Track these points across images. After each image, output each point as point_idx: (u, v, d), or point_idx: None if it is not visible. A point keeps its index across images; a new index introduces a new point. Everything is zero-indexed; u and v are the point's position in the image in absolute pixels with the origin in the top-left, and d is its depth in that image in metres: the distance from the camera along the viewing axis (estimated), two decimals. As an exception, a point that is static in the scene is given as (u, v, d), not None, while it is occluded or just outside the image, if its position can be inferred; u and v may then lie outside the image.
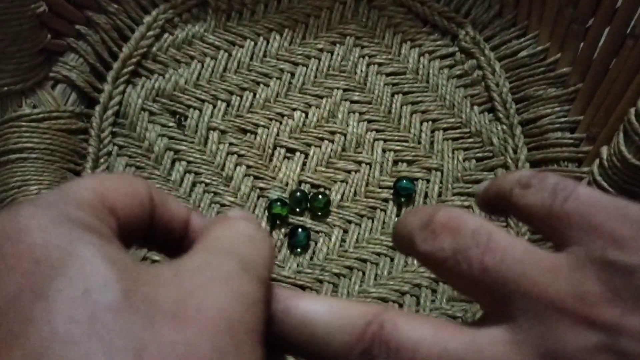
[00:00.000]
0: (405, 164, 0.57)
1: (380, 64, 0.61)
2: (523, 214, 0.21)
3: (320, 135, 0.57)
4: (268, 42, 0.60)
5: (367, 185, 0.56)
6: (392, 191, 0.55)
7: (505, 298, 0.19)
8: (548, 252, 0.19)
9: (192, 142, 0.57)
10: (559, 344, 0.17)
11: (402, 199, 0.55)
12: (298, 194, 0.54)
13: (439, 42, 0.61)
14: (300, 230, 0.53)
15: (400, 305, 0.50)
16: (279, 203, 0.53)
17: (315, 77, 0.60)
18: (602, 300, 0.17)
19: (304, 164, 0.56)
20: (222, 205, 0.54)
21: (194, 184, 0.55)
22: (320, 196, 0.54)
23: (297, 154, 0.57)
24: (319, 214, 0.54)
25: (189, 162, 0.56)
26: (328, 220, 0.54)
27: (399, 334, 0.19)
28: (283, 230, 0.53)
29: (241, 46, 0.60)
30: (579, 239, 0.19)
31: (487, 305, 0.20)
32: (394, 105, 0.59)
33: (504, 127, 0.57)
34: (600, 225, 0.19)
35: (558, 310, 0.18)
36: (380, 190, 0.56)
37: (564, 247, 0.20)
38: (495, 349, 0.18)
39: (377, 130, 0.58)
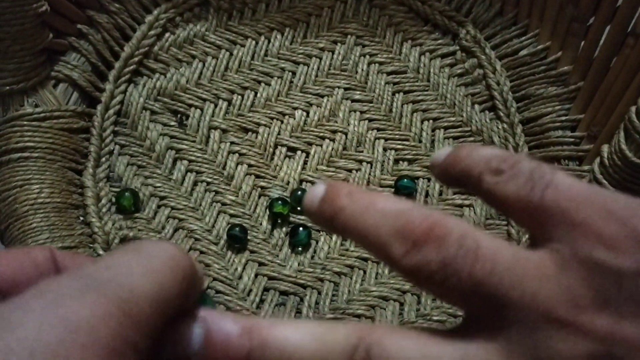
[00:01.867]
0: (406, 163, 0.57)
1: (381, 63, 0.61)
2: (497, 203, 0.20)
3: (322, 134, 0.57)
4: (269, 41, 0.61)
5: (368, 184, 0.56)
6: (393, 190, 0.55)
7: (497, 309, 0.18)
8: (532, 252, 0.19)
9: (194, 141, 0.57)
10: (552, 353, 0.17)
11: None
12: (299, 192, 0.54)
13: (439, 41, 0.61)
14: (301, 229, 0.53)
15: (402, 304, 0.50)
16: (280, 202, 0.53)
17: (317, 76, 0.60)
18: (594, 307, 0.17)
19: (305, 162, 0.57)
20: (224, 204, 0.54)
21: (195, 183, 0.55)
22: (321, 195, 0.54)
23: (299, 152, 0.57)
24: (320, 212, 0.54)
25: (190, 161, 0.56)
26: (329, 218, 0.54)
27: (388, 356, 0.18)
28: (284, 229, 0.54)
29: (242, 45, 0.60)
30: (562, 235, 0.18)
31: (477, 315, 0.19)
32: (394, 104, 0.59)
33: (505, 125, 0.58)
34: (585, 222, 0.18)
35: (550, 319, 0.17)
36: (381, 189, 0.56)
37: (546, 243, 0.19)
38: (485, 359, 0.18)
39: (378, 129, 0.58)
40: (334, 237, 0.54)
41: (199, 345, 0.18)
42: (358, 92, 0.59)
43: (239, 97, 0.58)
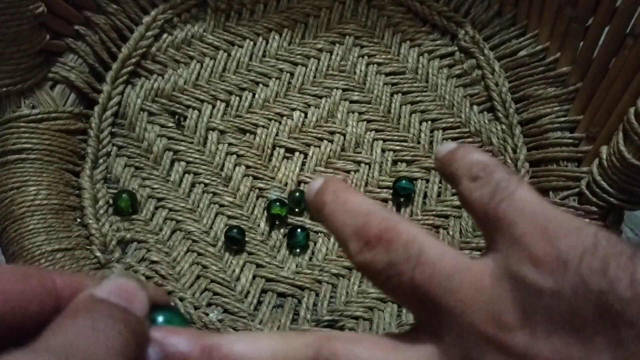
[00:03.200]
0: (404, 164, 0.57)
1: (379, 64, 0.60)
2: (465, 206, 0.21)
3: (320, 135, 0.57)
4: (267, 42, 0.60)
5: (366, 185, 0.56)
6: (391, 191, 0.55)
7: (434, 314, 0.19)
8: (476, 261, 0.20)
9: (191, 142, 0.57)
10: None
11: (402, 199, 0.55)
12: (297, 194, 0.54)
13: (438, 42, 0.61)
14: (299, 230, 0.53)
15: (400, 306, 0.50)
16: (278, 203, 0.53)
17: (315, 77, 0.60)
18: (516, 324, 0.17)
19: (303, 164, 0.56)
20: (222, 205, 0.54)
21: (193, 184, 0.55)
22: (319, 196, 0.54)
23: (297, 154, 0.57)
24: (318, 214, 0.54)
25: (188, 162, 0.56)
26: (327, 220, 0.54)
27: None
28: (282, 230, 0.53)
29: (240, 46, 0.60)
30: (503, 248, 0.19)
31: (419, 317, 0.20)
32: (393, 105, 0.59)
33: (504, 126, 0.57)
34: (521, 238, 0.18)
35: (477, 332, 0.18)
36: (379, 190, 0.55)
37: (491, 252, 0.20)
38: None
39: (377, 130, 0.58)
40: (332, 238, 0.54)
41: None
42: (356, 93, 0.59)
43: (237, 98, 0.58)
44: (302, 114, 0.58)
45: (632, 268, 0.17)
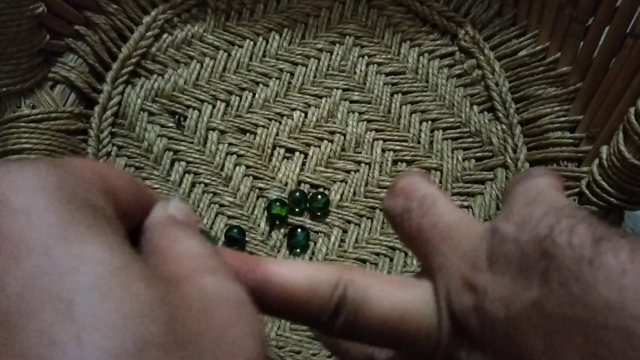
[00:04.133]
0: (404, 164, 0.57)
1: (379, 64, 0.60)
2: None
3: (320, 135, 0.57)
4: (267, 42, 0.60)
5: (366, 185, 0.56)
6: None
7: (431, 256, 0.23)
8: (478, 222, 0.24)
9: (192, 142, 0.57)
10: (453, 301, 0.21)
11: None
12: (297, 194, 0.54)
13: (438, 42, 0.61)
14: (299, 230, 0.53)
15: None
16: (278, 203, 0.53)
17: (315, 77, 0.60)
18: (484, 266, 0.21)
19: (304, 164, 0.56)
20: (222, 205, 0.54)
21: (193, 184, 0.55)
22: (319, 196, 0.54)
23: (297, 154, 0.57)
24: (318, 214, 0.54)
25: (188, 162, 0.56)
26: (327, 220, 0.54)
27: (358, 294, 0.22)
28: (282, 230, 0.53)
29: (240, 46, 0.60)
30: (497, 218, 0.22)
31: (421, 259, 0.24)
32: (393, 105, 0.59)
33: (504, 126, 0.57)
34: (509, 206, 0.22)
35: (457, 272, 0.21)
36: (379, 190, 0.55)
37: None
38: (424, 299, 0.22)
39: (377, 130, 0.58)
40: (332, 238, 0.54)
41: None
42: (356, 93, 0.59)
43: (237, 98, 0.58)
44: (302, 114, 0.58)
45: (574, 222, 0.19)
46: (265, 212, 0.54)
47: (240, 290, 0.17)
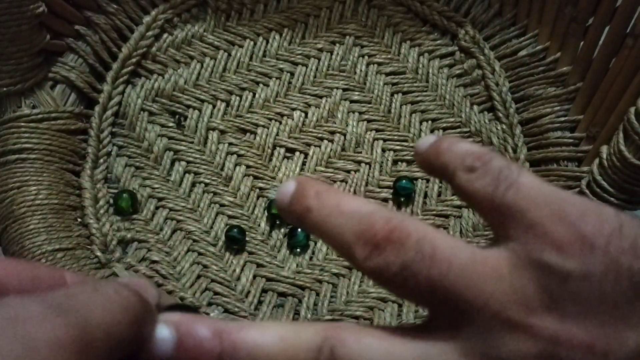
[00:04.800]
0: (404, 164, 0.57)
1: (379, 64, 0.60)
2: (467, 199, 0.21)
3: (320, 135, 0.57)
4: (267, 41, 0.60)
5: (366, 185, 0.56)
6: (391, 191, 0.55)
7: (454, 309, 0.19)
8: (490, 251, 0.19)
9: (192, 142, 0.57)
10: (505, 353, 0.18)
11: (402, 199, 0.55)
12: (297, 193, 0.54)
13: (438, 42, 0.61)
14: (299, 230, 0.53)
15: (400, 306, 0.50)
16: (278, 203, 0.53)
17: (315, 76, 0.60)
18: (542, 308, 0.18)
19: (304, 163, 0.56)
20: (222, 205, 0.54)
21: (193, 184, 0.55)
22: (319, 196, 0.54)
23: (297, 153, 0.57)
24: (319, 213, 0.54)
25: (188, 162, 0.56)
26: (327, 220, 0.54)
27: (351, 356, 0.18)
28: (282, 230, 0.53)
29: (241, 46, 0.60)
30: (518, 235, 0.19)
31: (436, 314, 0.20)
32: (393, 105, 0.59)
33: (504, 126, 0.57)
34: (538, 224, 0.18)
35: (502, 320, 0.18)
36: (379, 190, 0.55)
37: (504, 241, 0.19)
38: (440, 356, 0.19)
39: (377, 130, 0.58)
40: (333, 238, 0.54)
41: (171, 348, 0.19)
42: (357, 93, 0.59)
43: (237, 98, 0.58)
44: (303, 114, 0.58)
45: None
46: (266, 212, 0.54)
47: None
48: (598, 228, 0.18)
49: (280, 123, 0.58)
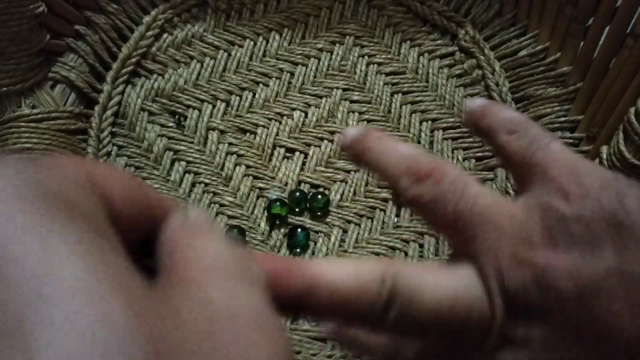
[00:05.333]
0: (404, 164, 0.57)
1: (379, 64, 0.60)
2: (503, 156, 0.25)
3: (320, 135, 0.57)
4: (267, 41, 0.60)
5: (366, 185, 0.56)
6: (391, 191, 0.55)
7: (472, 240, 0.22)
8: (511, 201, 0.23)
9: (192, 142, 0.57)
10: (507, 280, 0.21)
11: (402, 199, 0.55)
12: (297, 193, 0.54)
13: (438, 42, 0.61)
14: (299, 230, 0.53)
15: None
16: (278, 203, 0.53)
17: (315, 76, 0.60)
18: (542, 243, 0.21)
19: (304, 163, 0.56)
20: (222, 205, 0.54)
21: (193, 184, 0.55)
22: (319, 196, 0.54)
23: (297, 153, 0.57)
24: (319, 213, 0.54)
25: (188, 162, 0.56)
26: (327, 220, 0.54)
27: (408, 286, 0.21)
28: (282, 230, 0.53)
29: (240, 46, 0.60)
30: (537, 187, 0.23)
31: (456, 244, 0.24)
32: (393, 105, 0.59)
33: (504, 126, 0.57)
34: (555, 178, 0.22)
35: (510, 253, 0.21)
36: (379, 190, 0.55)
37: (523, 192, 0.23)
38: (470, 283, 0.22)
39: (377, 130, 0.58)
40: (332, 238, 0.54)
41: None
42: (357, 93, 0.59)
43: (237, 97, 0.58)
44: (303, 114, 0.58)
45: (638, 191, 0.21)
46: (266, 212, 0.54)
47: (261, 302, 0.16)
48: (597, 183, 0.21)
49: (280, 123, 0.58)
